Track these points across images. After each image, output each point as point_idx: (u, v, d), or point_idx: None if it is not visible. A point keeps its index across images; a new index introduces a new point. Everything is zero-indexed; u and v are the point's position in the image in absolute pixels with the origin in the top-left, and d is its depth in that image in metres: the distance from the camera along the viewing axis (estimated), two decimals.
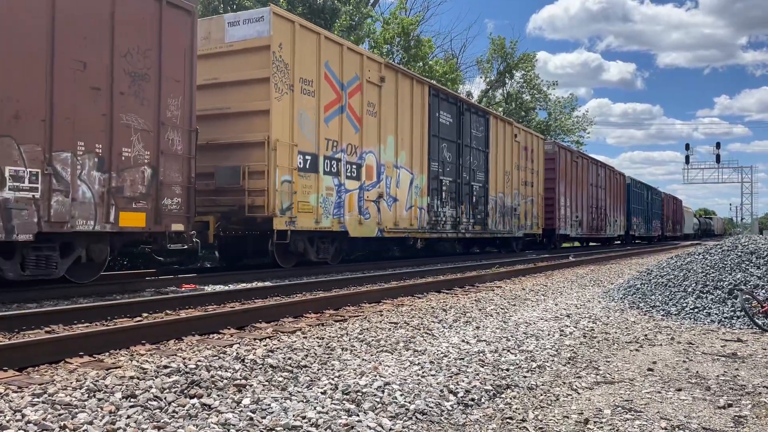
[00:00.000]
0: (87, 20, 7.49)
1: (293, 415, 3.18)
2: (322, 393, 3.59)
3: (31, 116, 6.93)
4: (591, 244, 33.02)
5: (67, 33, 7.23)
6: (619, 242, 35.79)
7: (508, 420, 3.39)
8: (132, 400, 3.29)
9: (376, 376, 3.98)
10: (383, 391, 3.65)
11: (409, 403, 3.50)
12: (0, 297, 6.85)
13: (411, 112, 14.29)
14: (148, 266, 11.02)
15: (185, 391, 3.48)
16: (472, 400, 3.69)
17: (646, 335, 6.00)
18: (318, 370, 4.15)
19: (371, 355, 4.64)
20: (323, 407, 3.33)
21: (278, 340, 5.13)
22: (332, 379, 3.90)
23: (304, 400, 3.44)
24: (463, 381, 3.99)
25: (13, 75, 6.80)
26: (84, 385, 3.51)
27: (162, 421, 3.03)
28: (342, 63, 11.93)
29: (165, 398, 3.35)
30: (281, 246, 10.71)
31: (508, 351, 5.00)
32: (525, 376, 4.27)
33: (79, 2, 7.42)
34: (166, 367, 3.99)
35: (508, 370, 4.39)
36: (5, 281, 7.19)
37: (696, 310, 7.18)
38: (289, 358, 4.39)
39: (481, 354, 4.81)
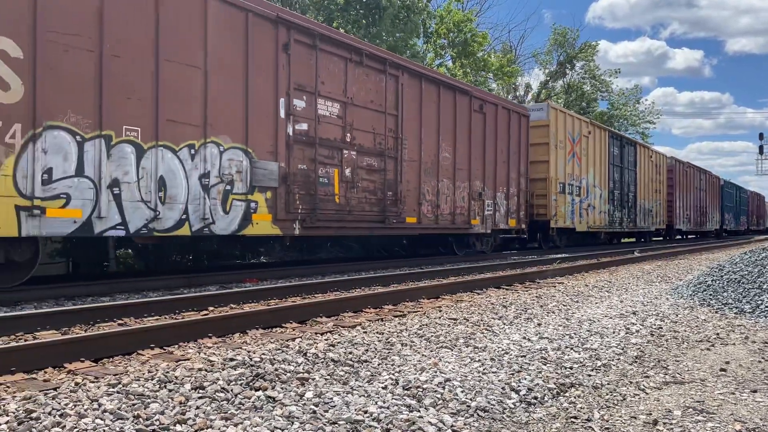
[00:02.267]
0: (503, 132, 15.48)
1: (355, 410, 3.21)
2: (383, 388, 3.61)
3: (489, 176, 15.00)
4: (689, 236, 37.41)
5: (499, 139, 15.36)
6: (713, 235, 39.61)
7: (572, 419, 3.32)
8: (201, 391, 3.41)
9: (436, 372, 3.97)
10: (444, 388, 3.65)
11: (471, 400, 3.48)
12: (77, 290, 7.23)
13: (600, 150, 21.67)
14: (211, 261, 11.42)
15: (250, 384, 3.58)
16: (535, 398, 3.63)
17: (717, 334, 5.76)
18: (378, 365, 4.18)
19: (431, 351, 4.64)
20: (384, 402, 3.35)
21: (339, 335, 5.20)
22: (393, 374, 3.92)
23: (366, 395, 3.47)
24: (525, 379, 3.94)
25: (472, 162, 14.36)
26: (155, 377, 3.65)
27: (229, 412, 3.12)
28: (573, 126, 19.50)
29: (231, 390, 3.45)
30: (544, 236, 18.93)
31: (572, 349, 4.90)
32: (589, 375, 4.18)
33: (502, 127, 15.51)
34: (232, 359, 4.10)
35: (571, 368, 4.30)
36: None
37: None
38: (350, 353, 4.44)
39: (543, 351, 4.73)
